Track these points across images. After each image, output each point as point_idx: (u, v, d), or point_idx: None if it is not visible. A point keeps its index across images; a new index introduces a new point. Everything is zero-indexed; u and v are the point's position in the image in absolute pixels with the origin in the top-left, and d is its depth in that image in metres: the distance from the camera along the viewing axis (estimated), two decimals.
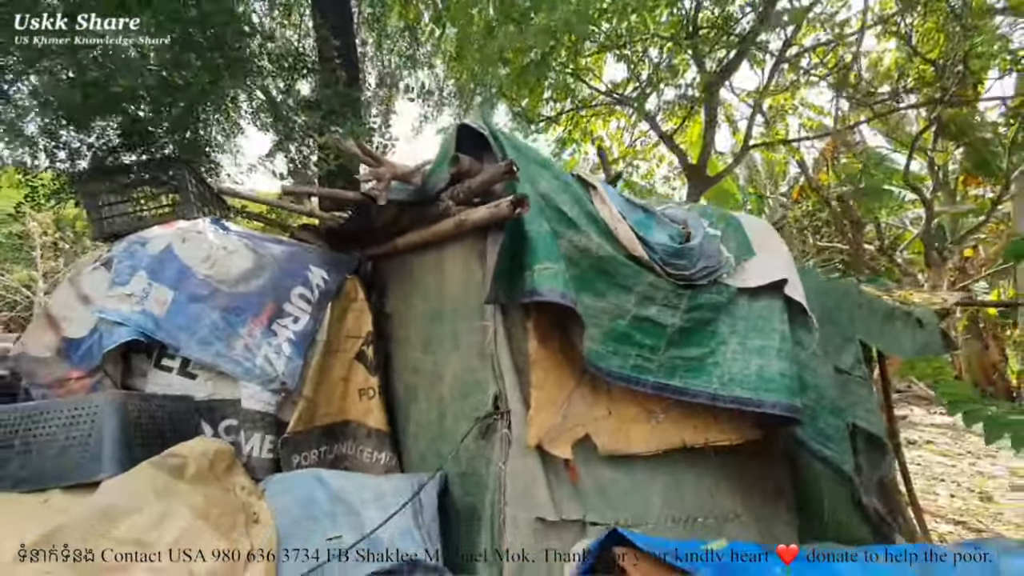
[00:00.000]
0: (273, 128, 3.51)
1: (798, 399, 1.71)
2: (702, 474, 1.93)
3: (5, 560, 1.24)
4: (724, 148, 7.29)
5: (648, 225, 1.77)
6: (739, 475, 2.02)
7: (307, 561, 1.49)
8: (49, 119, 2.97)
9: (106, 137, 3.00)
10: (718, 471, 1.95)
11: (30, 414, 1.48)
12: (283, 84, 3.34)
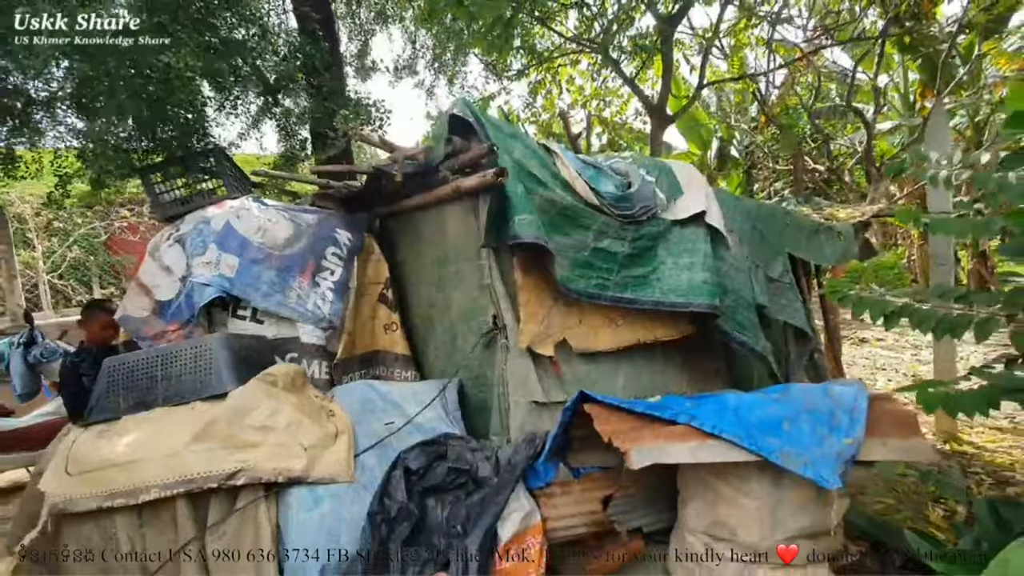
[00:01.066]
0: (264, 107, 3.86)
1: (718, 299, 2.33)
2: (654, 362, 2.59)
3: (179, 447, 1.87)
4: (692, 82, 7.55)
5: (598, 178, 2.31)
6: (682, 361, 2.68)
7: (372, 438, 2.14)
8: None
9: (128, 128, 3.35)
10: (666, 359, 2.61)
11: (165, 354, 2.06)
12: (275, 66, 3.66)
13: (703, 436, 1.62)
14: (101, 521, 1.81)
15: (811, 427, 1.63)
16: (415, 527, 1.81)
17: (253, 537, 1.79)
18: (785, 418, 1.67)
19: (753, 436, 1.59)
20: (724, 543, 1.69)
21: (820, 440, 1.59)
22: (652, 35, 4.79)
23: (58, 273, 13.30)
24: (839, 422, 1.64)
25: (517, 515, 1.75)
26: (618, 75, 5.42)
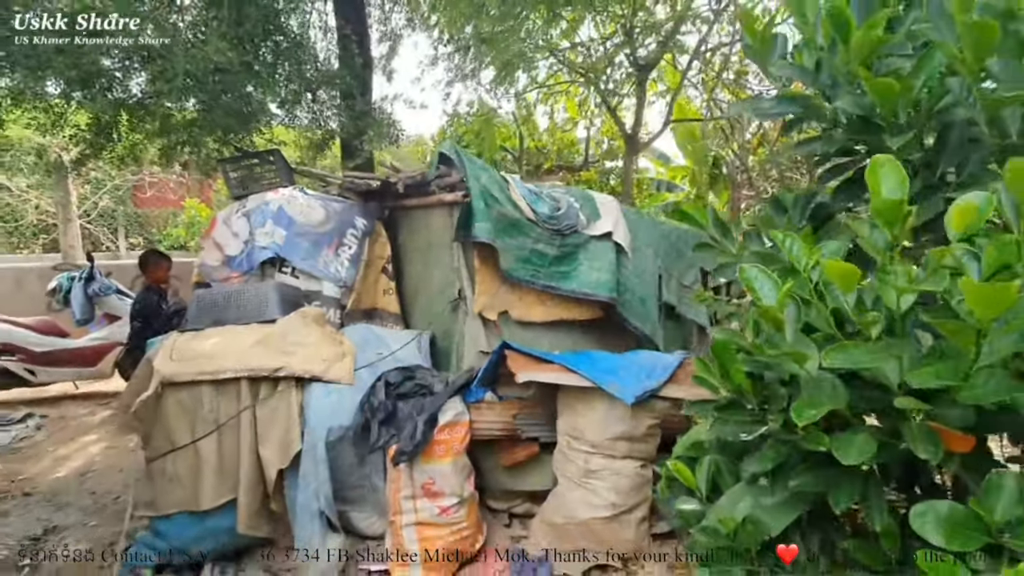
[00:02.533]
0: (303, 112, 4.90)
1: (615, 294, 3.38)
2: (572, 334, 3.64)
3: (244, 348, 2.95)
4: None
5: (537, 201, 3.35)
6: (596, 337, 3.73)
7: (366, 361, 3.21)
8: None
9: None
10: (582, 333, 3.66)
11: (237, 291, 3.15)
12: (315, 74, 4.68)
13: (567, 371, 2.69)
14: (192, 390, 2.90)
15: (635, 373, 2.68)
16: (388, 416, 2.89)
17: (287, 409, 2.88)
18: (621, 367, 2.73)
19: (596, 374, 2.65)
20: (577, 440, 2.77)
21: (637, 380, 2.65)
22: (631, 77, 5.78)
23: (89, 219, 14.44)
24: (653, 372, 2.69)
25: (451, 412, 2.83)
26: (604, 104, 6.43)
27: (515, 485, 3.20)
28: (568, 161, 9.18)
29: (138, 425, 3.01)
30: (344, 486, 2.91)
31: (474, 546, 2.87)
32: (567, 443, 2.82)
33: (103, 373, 5.99)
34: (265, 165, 3.88)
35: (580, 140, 9.03)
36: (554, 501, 2.89)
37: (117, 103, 4.12)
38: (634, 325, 3.51)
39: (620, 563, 2.80)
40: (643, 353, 2.95)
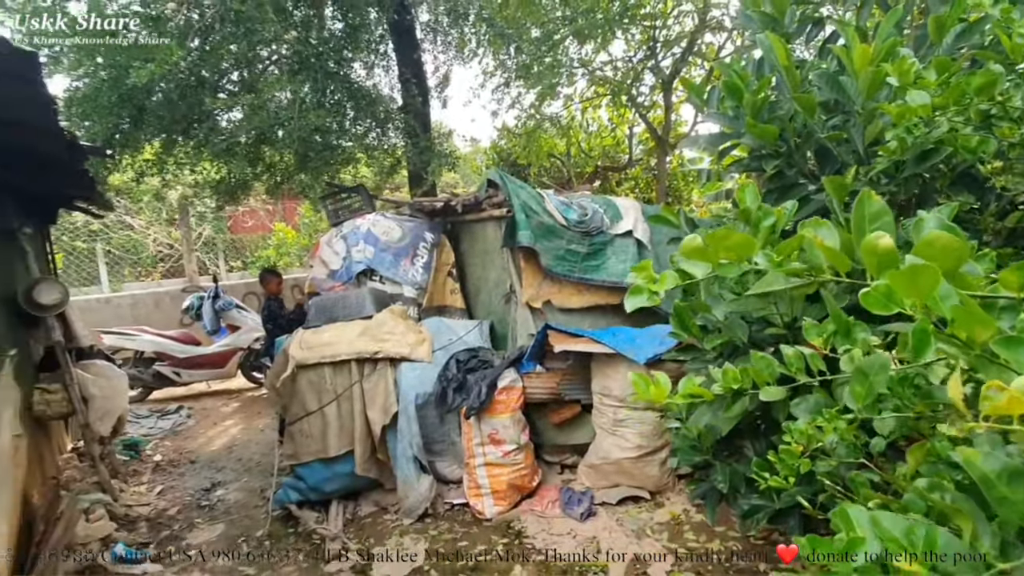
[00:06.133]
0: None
1: None
2: (607, 317, 4.41)
3: (352, 338, 3.99)
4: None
5: (567, 210, 4.17)
6: (626, 318, 4.48)
7: (440, 344, 4.16)
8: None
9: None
10: (614, 316, 4.42)
11: (340, 296, 4.21)
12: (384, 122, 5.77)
13: (594, 343, 3.49)
14: (317, 370, 3.96)
15: (650, 341, 3.43)
16: (459, 385, 3.81)
17: (385, 382, 3.88)
18: (639, 337, 3.49)
19: (618, 344, 3.43)
20: (607, 397, 3.56)
21: (651, 347, 3.39)
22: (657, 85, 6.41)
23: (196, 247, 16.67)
24: (665, 341, 3.42)
25: (508, 378, 3.71)
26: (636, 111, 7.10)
27: (564, 440, 4.03)
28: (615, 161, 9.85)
29: (280, 398, 4.13)
30: (431, 440, 3.86)
31: (531, 483, 3.73)
32: (599, 400, 3.62)
33: (229, 373, 7.39)
34: (353, 197, 4.97)
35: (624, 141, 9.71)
36: (593, 447, 3.70)
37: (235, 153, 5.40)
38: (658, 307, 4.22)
39: (648, 495, 3.56)
40: (659, 326, 3.68)
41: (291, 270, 11.63)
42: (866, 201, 1.14)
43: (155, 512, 4.31)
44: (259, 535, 3.76)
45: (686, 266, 1.53)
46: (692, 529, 3.30)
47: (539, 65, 6.50)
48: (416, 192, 5.96)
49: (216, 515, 4.18)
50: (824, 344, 1.42)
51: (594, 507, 3.52)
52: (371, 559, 3.35)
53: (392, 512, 3.87)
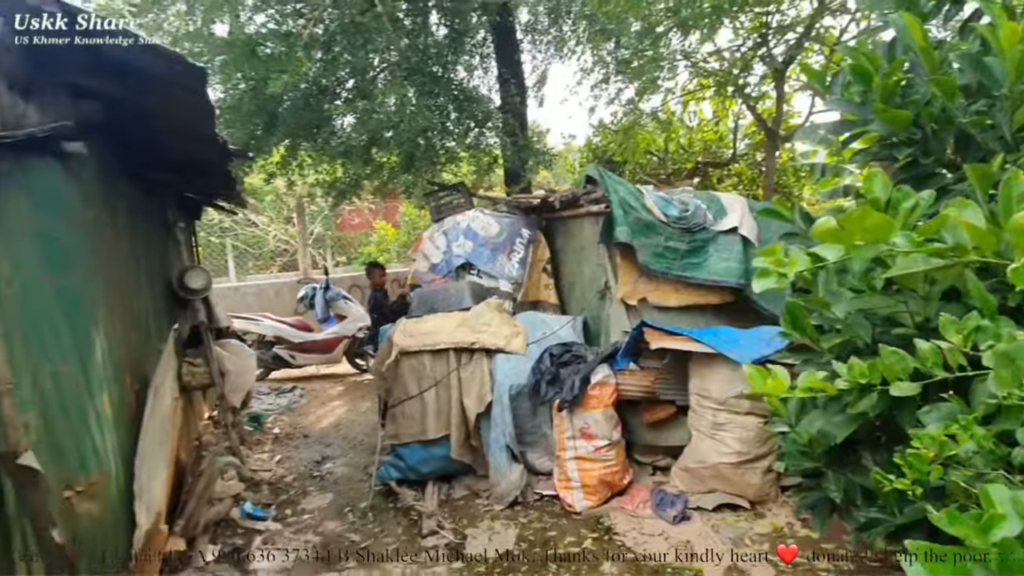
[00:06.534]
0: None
1: (743, 280, 3.96)
2: (706, 316, 4.28)
3: (451, 328, 4.22)
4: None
5: (667, 206, 4.08)
6: (728, 319, 4.30)
7: (534, 338, 4.27)
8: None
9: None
10: (714, 316, 4.27)
11: (440, 289, 4.47)
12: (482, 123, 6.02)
13: (693, 341, 3.41)
14: (418, 357, 4.23)
15: (753, 343, 3.29)
16: (552, 378, 3.89)
17: (481, 371, 4.06)
18: (743, 338, 3.36)
19: (718, 344, 3.32)
20: (705, 399, 3.46)
21: (757, 348, 3.25)
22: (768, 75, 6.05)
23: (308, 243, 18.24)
24: (772, 342, 3.26)
25: (601, 374, 3.73)
26: (746, 105, 6.74)
27: (657, 441, 3.97)
28: (716, 156, 9.43)
29: (384, 381, 4.47)
30: (522, 431, 3.98)
31: (622, 481, 3.73)
32: (697, 401, 3.53)
33: (336, 359, 8.03)
34: (453, 194, 5.26)
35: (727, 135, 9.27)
36: (689, 450, 3.62)
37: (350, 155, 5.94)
38: (763, 307, 4.03)
39: (748, 504, 3.41)
40: (766, 327, 3.50)
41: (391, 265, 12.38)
42: (1013, 182, 1.06)
43: (275, 478, 4.83)
44: (363, 506, 4.09)
45: (818, 249, 1.42)
46: (796, 544, 3.12)
47: (639, 59, 6.42)
48: (514, 190, 6.16)
49: (326, 485, 4.60)
50: (964, 341, 1.32)
51: (688, 511, 3.44)
52: (464, 539, 3.53)
53: (483, 497, 4.04)
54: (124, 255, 3.19)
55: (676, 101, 7.83)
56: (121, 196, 3.22)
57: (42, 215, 2.18)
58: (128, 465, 2.73)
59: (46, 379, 2.10)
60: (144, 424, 2.97)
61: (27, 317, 2.03)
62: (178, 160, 3.59)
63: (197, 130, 3.04)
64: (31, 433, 1.91)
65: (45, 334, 2.11)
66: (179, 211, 5.05)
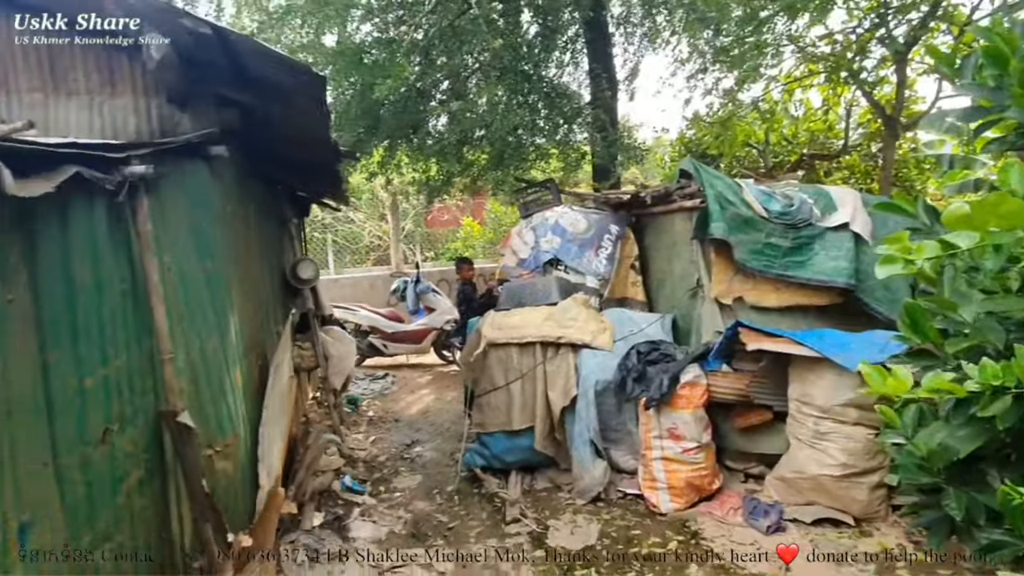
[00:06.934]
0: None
1: (853, 280, 3.70)
2: (809, 319, 4.03)
3: (538, 322, 4.33)
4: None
5: (769, 201, 3.89)
6: (835, 322, 4.02)
7: (621, 335, 4.26)
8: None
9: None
10: (818, 319, 4.02)
11: (528, 284, 4.59)
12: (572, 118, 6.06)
13: (794, 344, 3.24)
14: (505, 349, 4.38)
15: (865, 347, 3.07)
16: (639, 376, 3.87)
17: (566, 366, 4.13)
18: (853, 342, 3.15)
19: (824, 347, 3.14)
20: (807, 405, 3.28)
21: (867, 354, 3.03)
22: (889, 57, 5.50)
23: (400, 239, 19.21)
24: (887, 347, 3.02)
25: (691, 374, 3.65)
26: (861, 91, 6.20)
27: (750, 447, 3.83)
28: (824, 147, 8.77)
29: (471, 372, 4.67)
30: (607, 428, 4.00)
31: (711, 485, 3.64)
32: (797, 408, 3.36)
33: (424, 349, 8.44)
34: (542, 191, 5.36)
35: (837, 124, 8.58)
36: (786, 459, 3.46)
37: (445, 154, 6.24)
38: (876, 310, 3.74)
39: (852, 520, 3.20)
40: (879, 331, 3.26)
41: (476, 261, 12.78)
42: None
43: (369, 457, 5.21)
44: (449, 490, 4.31)
45: (950, 237, 1.38)
46: (908, 568, 2.89)
47: (740, 46, 6.13)
48: (604, 186, 6.15)
49: (415, 467, 4.89)
50: None
51: (783, 522, 3.29)
52: (546, 529, 3.62)
53: (565, 491, 4.11)
54: (252, 247, 3.61)
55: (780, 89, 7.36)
56: (249, 194, 3.65)
57: (194, 211, 2.55)
58: (253, 432, 3.11)
59: (196, 352, 2.46)
60: (266, 398, 3.35)
61: (182, 299, 2.39)
62: (296, 161, 4.00)
63: (315, 134, 3.37)
64: (184, 397, 2.25)
65: (196, 314, 2.47)
66: (292, 208, 5.59)
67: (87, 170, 1.59)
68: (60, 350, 1.61)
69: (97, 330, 1.77)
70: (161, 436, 2.20)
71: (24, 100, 2.59)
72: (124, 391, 1.92)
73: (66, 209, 1.66)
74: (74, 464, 1.66)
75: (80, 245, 1.72)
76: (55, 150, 1.47)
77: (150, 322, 2.07)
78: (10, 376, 1.38)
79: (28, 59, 2.60)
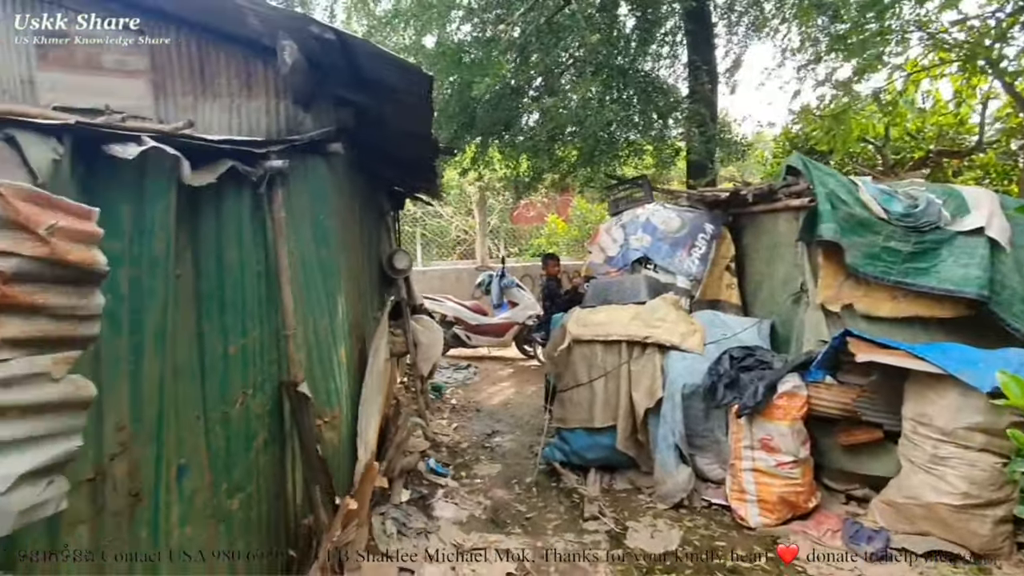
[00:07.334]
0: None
1: (986, 291, 3.33)
2: (930, 332, 3.69)
3: (625, 320, 4.31)
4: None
5: (889, 201, 3.58)
6: (962, 337, 3.64)
7: (712, 338, 4.13)
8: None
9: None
10: (942, 332, 3.67)
11: (615, 281, 4.58)
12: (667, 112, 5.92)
13: (912, 357, 2.99)
14: (590, 346, 4.39)
15: (998, 367, 2.76)
16: (731, 382, 3.74)
17: (652, 366, 4.08)
18: (982, 359, 2.84)
19: (947, 363, 2.86)
20: (924, 427, 3.02)
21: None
22: None
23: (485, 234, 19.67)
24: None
25: (790, 383, 3.48)
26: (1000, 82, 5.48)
27: (854, 468, 3.58)
28: (954, 144, 7.87)
29: (555, 366, 4.73)
30: (693, 433, 3.91)
31: (807, 503, 3.45)
32: (913, 428, 3.10)
33: (506, 343, 8.62)
34: (634, 188, 5.29)
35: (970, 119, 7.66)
36: (896, 483, 3.20)
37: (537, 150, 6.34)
38: (1012, 326, 3.35)
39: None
40: (1015, 350, 2.91)
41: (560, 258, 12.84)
42: None
43: (452, 443, 5.44)
44: (528, 481, 4.41)
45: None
46: None
47: (860, 33, 5.66)
48: (699, 183, 5.96)
49: (495, 456, 5.05)
50: None
51: (889, 550, 3.06)
52: (625, 530, 3.62)
53: (645, 493, 4.07)
54: (356, 237, 3.91)
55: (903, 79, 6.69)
56: (356, 187, 3.94)
57: (314, 202, 2.82)
58: (353, 408, 3.38)
59: (310, 330, 2.73)
60: (365, 377, 3.63)
61: (301, 282, 2.65)
62: (398, 157, 4.26)
63: (418, 131, 3.58)
64: (302, 370, 2.51)
65: (312, 295, 2.73)
66: (389, 201, 5.94)
67: (239, 164, 1.83)
68: (212, 321, 1.88)
69: (240, 305, 2.04)
70: (282, 404, 2.47)
71: (179, 103, 2.99)
72: (257, 360, 2.18)
73: (220, 198, 1.92)
74: (217, 420, 1.93)
75: (229, 230, 1.99)
76: (218, 146, 1.72)
77: (278, 301, 2.33)
78: (177, 342, 1.63)
79: (183, 67, 2.99)
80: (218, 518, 1.91)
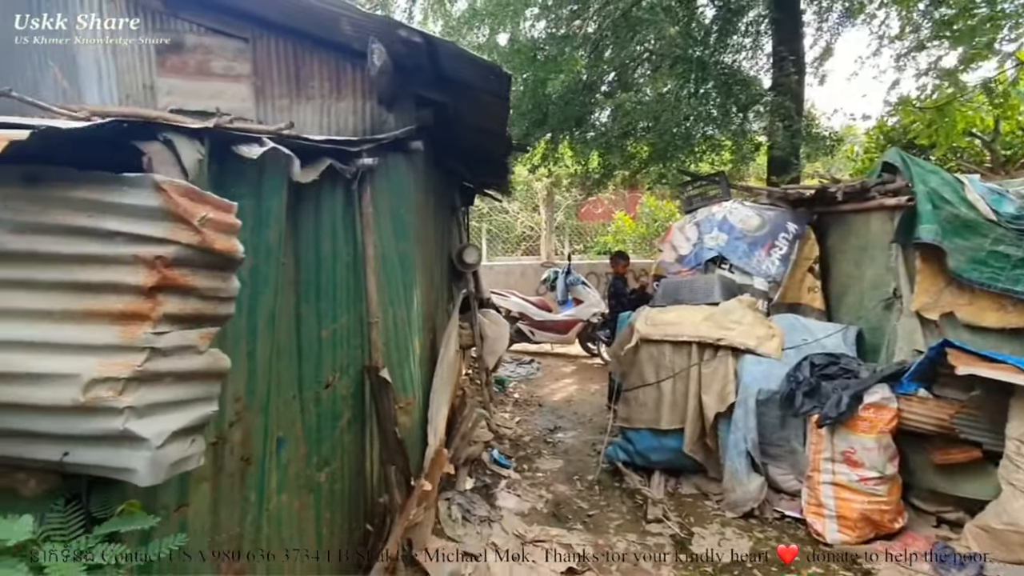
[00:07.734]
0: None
1: None
2: None
3: (696, 321, 4.23)
4: None
5: (1000, 201, 3.28)
6: None
7: (792, 343, 3.97)
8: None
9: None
10: None
11: (687, 281, 4.50)
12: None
13: (1022, 373, 2.75)
14: (659, 346, 4.34)
15: None
16: (811, 389, 3.58)
17: (724, 370, 3.98)
18: None
19: None
20: None
21: None
22: None
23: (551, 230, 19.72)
24: None
25: (878, 394, 3.29)
26: None
27: (947, 488, 3.34)
28: None
29: (620, 365, 4.72)
30: (766, 441, 3.78)
31: (892, 523, 3.26)
32: (1017, 449, 2.86)
33: (569, 340, 8.63)
34: (710, 185, 5.16)
35: None
36: (995, 507, 2.97)
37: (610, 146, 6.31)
38: None
39: None
40: None
41: None
42: None
43: (515, 436, 5.55)
44: (590, 479, 4.44)
45: None
46: None
47: (968, 19, 5.19)
48: (782, 180, 5.70)
49: (557, 452, 5.11)
50: None
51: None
52: (690, 535, 3.57)
53: (712, 500, 3.99)
54: (430, 232, 4.08)
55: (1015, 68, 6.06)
56: (432, 183, 4.11)
57: (395, 198, 2.98)
58: (425, 396, 3.54)
59: (390, 320, 2.89)
60: (436, 367, 3.79)
61: (383, 273, 2.82)
62: (473, 153, 4.39)
63: (494, 128, 3.68)
64: (382, 356, 2.67)
65: (392, 286, 2.90)
66: (460, 197, 6.12)
67: (337, 162, 1.99)
68: (308, 306, 2.05)
69: (332, 293, 2.21)
70: (363, 387, 2.65)
71: (276, 105, 3.24)
72: (345, 345, 2.36)
73: (319, 193, 2.09)
74: (310, 399, 2.11)
75: (325, 223, 2.16)
76: (319, 145, 1.88)
77: (363, 290, 2.50)
78: (279, 324, 1.80)
79: (281, 71, 3.24)
80: (309, 488, 2.09)
